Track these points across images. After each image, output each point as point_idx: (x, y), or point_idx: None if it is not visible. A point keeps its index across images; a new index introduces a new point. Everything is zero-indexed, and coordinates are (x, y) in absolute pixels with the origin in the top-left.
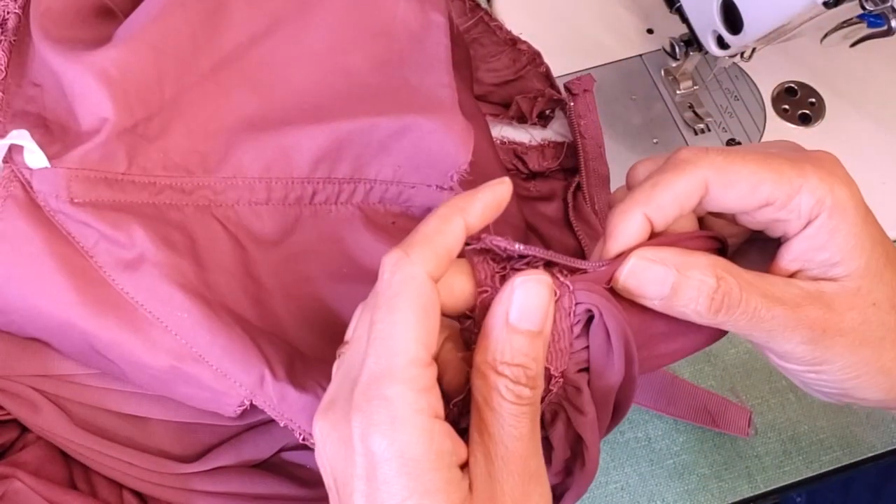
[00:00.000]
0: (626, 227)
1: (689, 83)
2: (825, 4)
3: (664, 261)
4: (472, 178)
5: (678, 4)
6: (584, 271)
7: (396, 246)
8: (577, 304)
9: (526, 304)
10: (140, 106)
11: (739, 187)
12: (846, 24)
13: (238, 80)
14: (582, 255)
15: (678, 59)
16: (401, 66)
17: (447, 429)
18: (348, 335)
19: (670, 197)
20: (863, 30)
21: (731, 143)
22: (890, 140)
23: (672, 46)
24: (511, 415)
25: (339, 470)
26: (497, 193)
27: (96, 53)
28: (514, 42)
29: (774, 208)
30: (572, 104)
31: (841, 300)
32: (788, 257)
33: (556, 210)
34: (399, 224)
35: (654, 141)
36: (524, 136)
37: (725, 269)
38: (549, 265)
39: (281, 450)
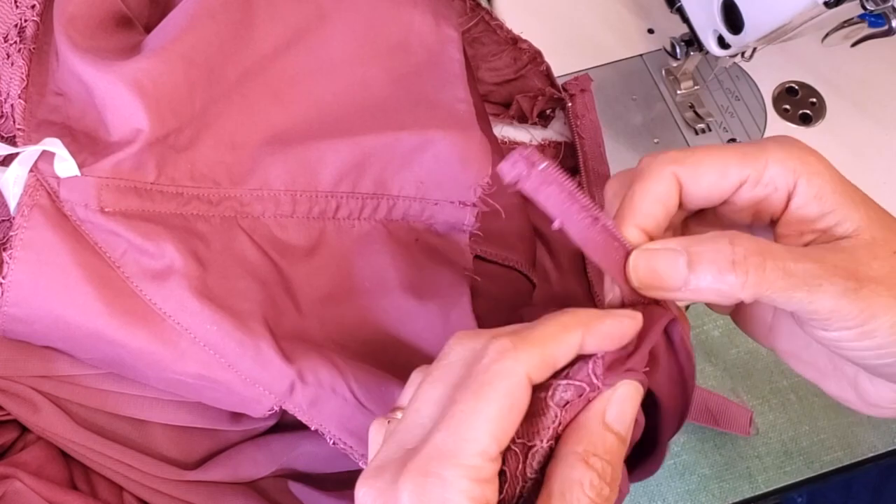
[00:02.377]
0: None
1: (690, 83)
2: (826, 4)
3: (666, 244)
4: (495, 190)
5: (679, 4)
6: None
7: (507, 332)
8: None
9: (623, 408)
10: (172, 117)
11: (708, 173)
12: (847, 23)
13: (263, 92)
14: (580, 255)
15: (679, 59)
16: (418, 80)
17: None
18: (403, 401)
19: (651, 200)
20: (863, 30)
21: (732, 142)
22: (890, 140)
23: (673, 46)
24: None
25: None
26: (624, 327)
27: (128, 64)
28: (514, 41)
29: (749, 186)
30: (570, 104)
31: (861, 252)
32: (787, 232)
33: None
34: (422, 241)
35: (655, 141)
36: (525, 136)
37: (734, 234)
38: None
39: (279, 472)
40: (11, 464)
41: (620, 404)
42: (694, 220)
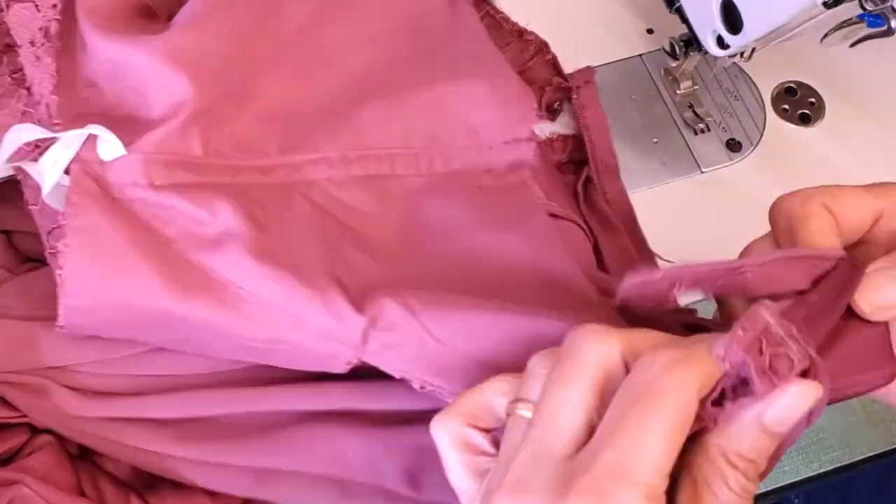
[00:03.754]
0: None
1: (689, 83)
2: (825, 4)
3: (880, 264)
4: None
5: (678, 4)
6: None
7: (672, 345)
8: None
9: (786, 415)
10: (212, 88)
11: (850, 205)
12: (846, 23)
13: (297, 65)
14: (595, 246)
15: (678, 59)
16: (443, 47)
17: None
18: (527, 392)
19: (822, 238)
20: (862, 30)
21: (731, 142)
22: (890, 140)
23: (672, 46)
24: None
25: None
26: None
27: (162, 38)
28: (520, 33)
29: (886, 220)
30: (575, 96)
31: None
32: None
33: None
34: (486, 186)
35: (654, 140)
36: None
37: None
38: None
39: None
40: (19, 469)
41: (784, 410)
42: None
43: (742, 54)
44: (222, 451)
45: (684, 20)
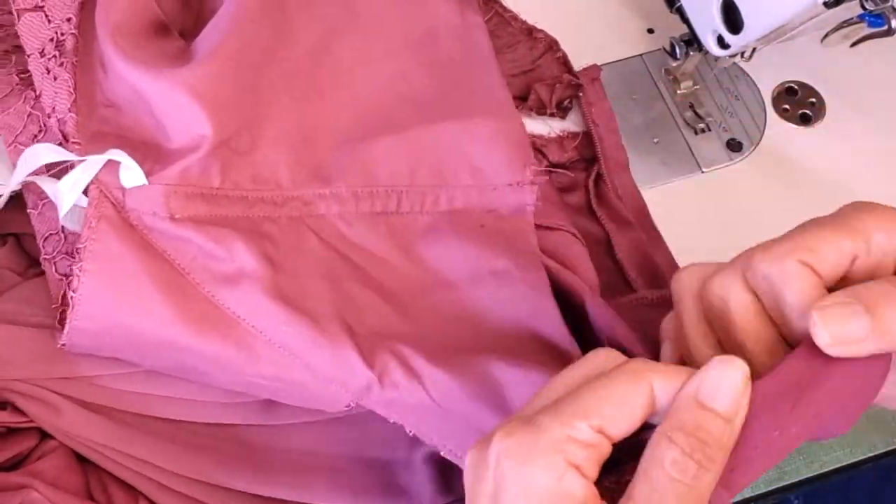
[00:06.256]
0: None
1: (690, 83)
2: (825, 4)
3: (835, 299)
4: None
5: (678, 4)
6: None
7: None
8: None
9: (717, 384)
10: (230, 120)
11: (829, 253)
12: (846, 23)
13: (308, 91)
14: (607, 241)
15: (678, 59)
16: (453, 68)
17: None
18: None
19: (806, 295)
20: (863, 30)
21: (732, 142)
22: (890, 140)
23: (672, 46)
24: (664, 489)
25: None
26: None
27: (182, 71)
28: (529, 32)
29: (861, 259)
30: (581, 94)
31: None
32: None
33: (579, 199)
34: (488, 226)
35: (655, 140)
36: (543, 128)
37: (890, 277)
38: None
39: None
40: (28, 473)
41: (714, 381)
42: None
43: (742, 54)
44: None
45: (685, 20)
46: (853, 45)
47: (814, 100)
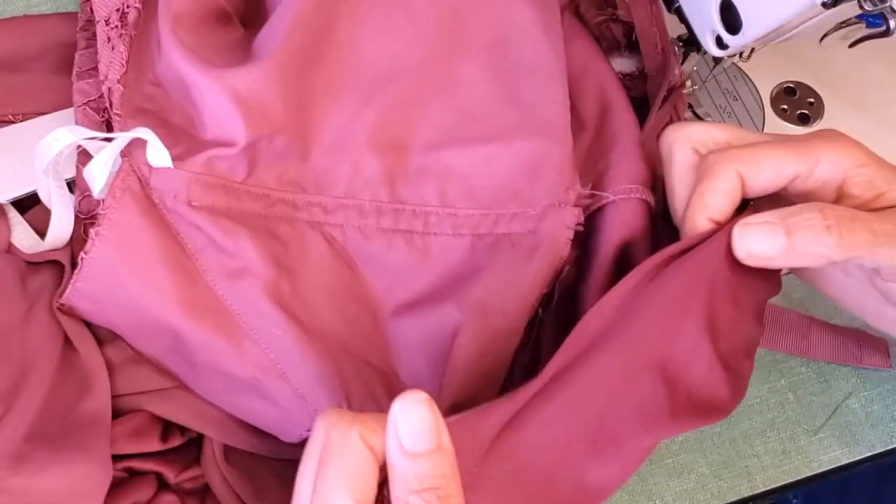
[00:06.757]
0: (701, 230)
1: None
2: (824, 5)
3: (763, 218)
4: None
5: (677, 4)
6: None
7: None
8: None
9: (412, 427)
10: (265, 124)
11: (767, 171)
12: (845, 24)
13: (350, 97)
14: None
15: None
16: (513, 77)
17: None
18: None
19: (719, 195)
20: (861, 30)
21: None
22: (890, 140)
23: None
24: None
25: None
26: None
27: (230, 73)
28: None
29: (801, 181)
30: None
31: None
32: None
33: None
34: (521, 246)
35: None
36: (630, 66)
37: (821, 205)
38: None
39: None
40: None
41: (408, 426)
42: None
43: (741, 54)
44: None
45: (683, 20)
46: (852, 45)
47: (812, 100)
